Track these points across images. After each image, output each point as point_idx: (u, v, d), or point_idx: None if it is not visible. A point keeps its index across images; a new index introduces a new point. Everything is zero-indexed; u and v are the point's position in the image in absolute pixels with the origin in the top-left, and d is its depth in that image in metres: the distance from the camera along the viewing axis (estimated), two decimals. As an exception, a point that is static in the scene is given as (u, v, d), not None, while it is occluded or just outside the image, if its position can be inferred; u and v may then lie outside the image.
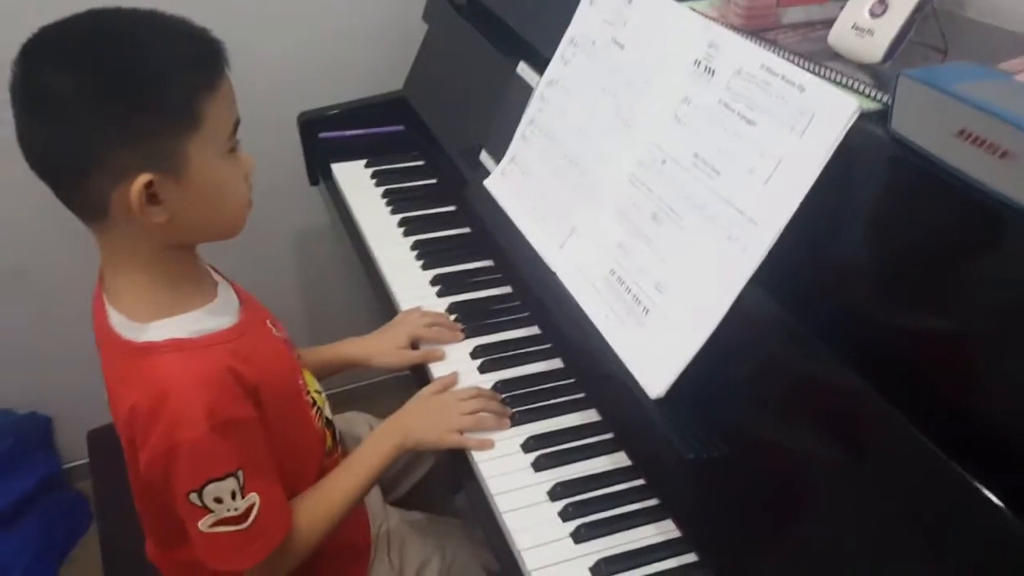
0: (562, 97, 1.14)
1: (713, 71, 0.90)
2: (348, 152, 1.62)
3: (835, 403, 0.78)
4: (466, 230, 1.40)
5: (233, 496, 0.83)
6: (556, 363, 1.12)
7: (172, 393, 0.80)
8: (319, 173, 1.63)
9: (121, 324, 0.83)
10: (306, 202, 1.75)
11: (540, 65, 1.21)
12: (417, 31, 1.64)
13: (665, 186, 0.93)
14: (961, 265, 0.70)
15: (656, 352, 0.88)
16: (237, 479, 0.83)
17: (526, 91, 1.22)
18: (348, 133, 1.64)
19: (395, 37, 1.71)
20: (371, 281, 1.36)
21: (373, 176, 1.55)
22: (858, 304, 0.79)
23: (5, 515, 1.75)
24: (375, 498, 1.15)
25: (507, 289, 1.26)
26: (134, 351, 0.82)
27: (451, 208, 1.45)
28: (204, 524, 0.83)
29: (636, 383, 0.89)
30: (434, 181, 1.54)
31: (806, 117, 0.79)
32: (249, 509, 0.84)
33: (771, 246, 0.79)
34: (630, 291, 0.94)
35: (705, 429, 0.86)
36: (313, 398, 1.00)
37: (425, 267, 1.31)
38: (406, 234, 1.39)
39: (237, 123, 0.83)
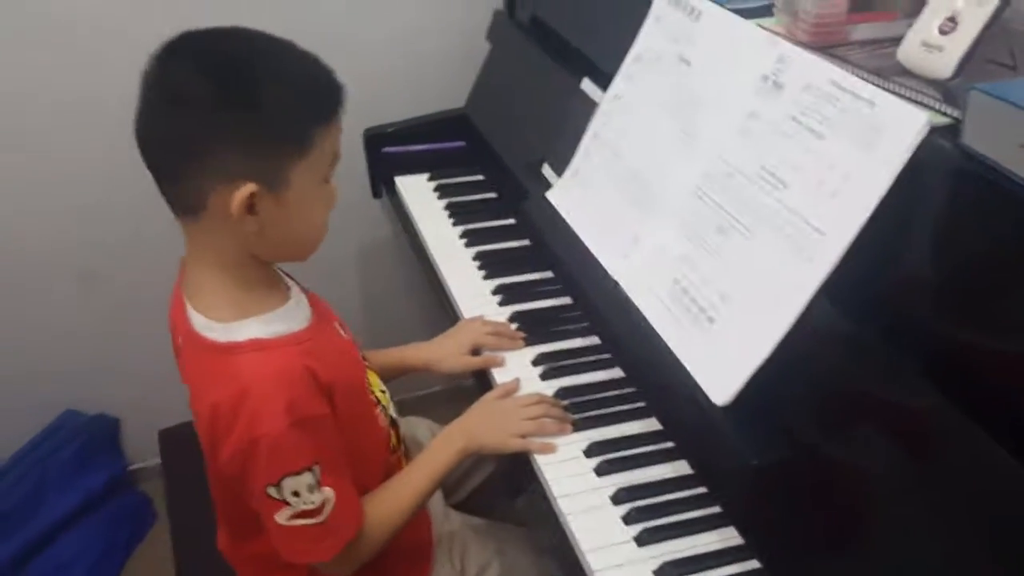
0: (627, 112, 1.17)
1: (781, 86, 0.92)
2: (411, 166, 1.66)
3: (901, 411, 0.78)
4: (526, 242, 1.43)
5: (310, 490, 0.86)
6: (616, 372, 1.14)
7: (253, 390, 0.83)
8: (382, 187, 1.67)
9: (202, 324, 0.88)
10: (368, 214, 1.80)
11: (603, 82, 1.24)
12: (478, 51, 1.69)
13: (731, 198, 0.95)
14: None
15: (721, 360, 0.90)
16: (313, 474, 0.86)
17: (589, 106, 1.25)
18: (411, 148, 1.69)
19: (457, 57, 1.75)
20: (433, 290, 1.40)
21: (436, 189, 1.59)
22: (927, 314, 0.80)
23: (71, 514, 1.81)
24: (437, 501, 1.17)
25: (567, 300, 1.29)
26: (216, 350, 0.86)
27: (511, 221, 1.48)
28: (282, 517, 0.87)
29: (700, 390, 0.90)
30: (495, 195, 1.57)
31: (876, 131, 0.80)
32: (324, 503, 0.88)
33: (840, 258, 0.81)
34: (695, 301, 0.96)
35: (767, 436, 0.87)
36: (378, 397, 1.03)
37: (487, 277, 1.34)
38: (468, 245, 1.42)
39: (337, 159, 0.88)
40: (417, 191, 1.60)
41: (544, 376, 1.14)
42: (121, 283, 1.79)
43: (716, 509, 0.94)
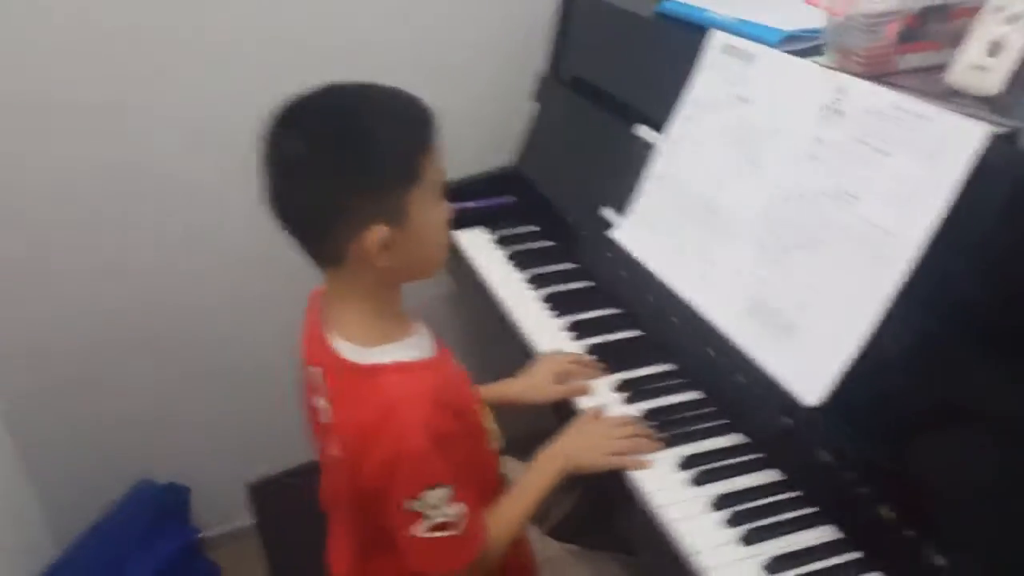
0: (687, 151, 1.26)
1: (842, 112, 1.01)
2: (466, 222, 1.75)
3: (985, 407, 0.85)
4: (591, 283, 1.50)
5: (448, 504, 0.92)
6: (696, 394, 1.20)
7: (399, 408, 0.91)
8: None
9: (348, 349, 0.95)
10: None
11: (656, 127, 1.34)
12: (511, 111, 1.79)
13: (802, 216, 1.03)
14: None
15: (808, 363, 0.97)
16: (451, 488, 0.92)
17: (645, 150, 1.35)
18: (466, 204, 1.77)
19: (495, 118, 1.85)
20: (504, 332, 1.47)
21: (495, 241, 1.68)
22: (1001, 308, 0.87)
23: (146, 581, 1.84)
24: (532, 528, 1.22)
25: (638, 332, 1.36)
26: (363, 372, 0.94)
27: (573, 265, 1.56)
28: (419, 530, 0.92)
29: (788, 395, 0.97)
30: (552, 243, 1.66)
31: (938, 144, 0.89)
32: (460, 517, 0.93)
33: (915, 259, 0.88)
34: (775, 313, 1.03)
35: (853, 437, 0.93)
36: (487, 428, 1.10)
37: (558, 315, 1.41)
38: (535, 288, 1.50)
39: (444, 177, 0.96)
40: (477, 244, 1.69)
41: (628, 400, 1.20)
42: (193, 353, 1.87)
43: (814, 508, 0.99)
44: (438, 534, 0.93)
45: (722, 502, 1.01)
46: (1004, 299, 0.86)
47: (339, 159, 0.89)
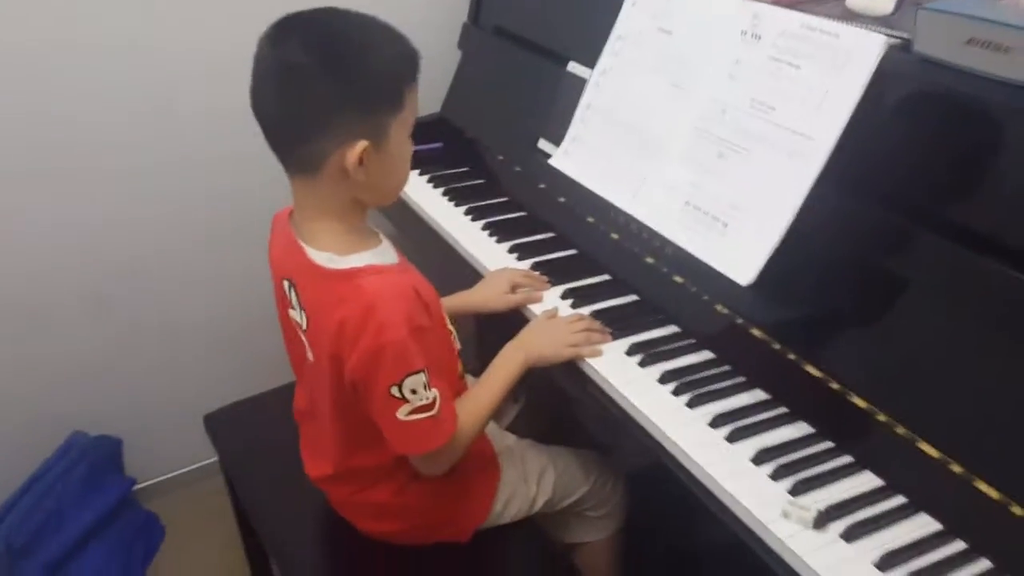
0: (617, 81, 1.40)
1: (759, 36, 1.16)
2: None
3: (891, 271, 1.03)
4: (524, 213, 1.63)
5: (425, 388, 1.02)
6: (635, 296, 1.35)
7: (379, 304, 0.99)
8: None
9: (325, 258, 1.03)
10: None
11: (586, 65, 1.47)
12: (435, 62, 1.88)
13: (727, 128, 1.19)
14: (980, 141, 0.96)
15: (740, 252, 1.13)
16: (425, 375, 1.02)
17: (578, 84, 1.48)
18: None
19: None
20: (447, 260, 1.57)
21: (429, 181, 1.78)
22: (906, 187, 1.05)
23: (88, 534, 1.85)
24: (492, 424, 1.34)
25: (573, 251, 1.49)
26: (340, 276, 1.02)
27: (506, 199, 1.68)
28: (402, 413, 1.02)
29: (721, 285, 1.13)
30: (483, 181, 1.77)
31: (843, 56, 1.05)
32: (435, 400, 1.04)
33: (829, 153, 1.05)
34: (708, 214, 1.18)
35: (779, 311, 1.10)
36: (451, 328, 1.20)
37: (499, 241, 1.53)
38: (474, 219, 1.61)
39: (416, 114, 1.04)
40: (412, 185, 1.78)
41: (574, 305, 1.33)
42: (124, 307, 1.88)
43: (742, 378, 1.15)
44: (417, 416, 1.03)
45: (666, 377, 1.15)
46: (905, 181, 1.04)
47: (341, 73, 0.95)
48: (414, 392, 1.01)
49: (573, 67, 1.53)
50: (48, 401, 1.87)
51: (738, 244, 1.14)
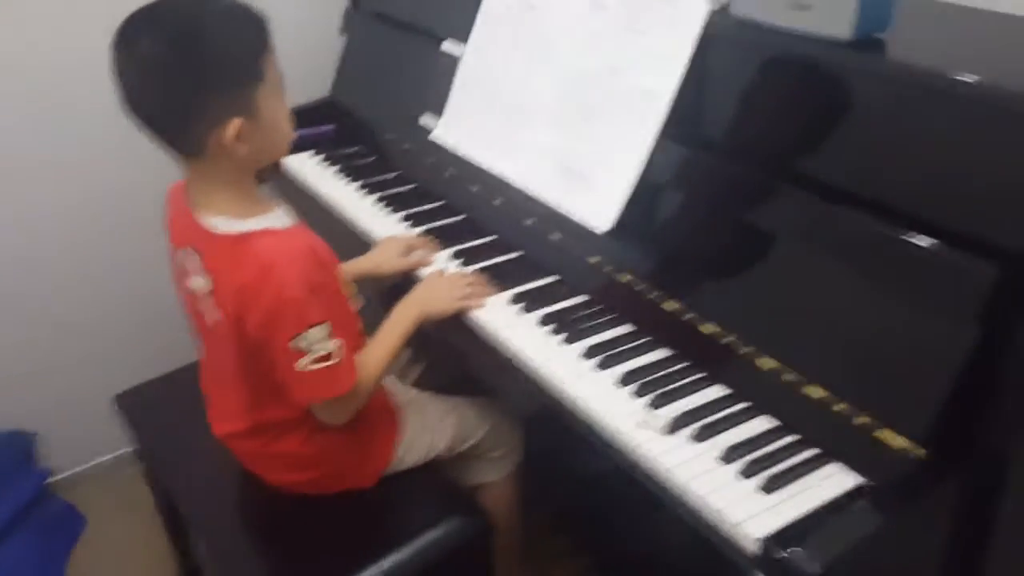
0: (486, 56, 1.51)
1: (606, 7, 1.29)
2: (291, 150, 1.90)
3: (729, 210, 1.17)
4: (415, 186, 1.72)
5: (326, 339, 1.10)
6: (518, 253, 1.46)
7: (276, 264, 1.07)
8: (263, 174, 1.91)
9: (222, 223, 1.11)
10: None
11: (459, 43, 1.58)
12: (321, 46, 1.97)
13: (586, 93, 1.31)
14: (789, 89, 1.11)
15: (600, 202, 1.26)
16: (328, 327, 1.11)
17: (452, 61, 1.58)
18: (290, 134, 1.93)
19: (307, 54, 2.01)
20: (345, 235, 1.65)
21: (323, 161, 1.85)
22: (738, 122, 1.19)
23: (2, 529, 1.87)
24: (391, 378, 1.44)
25: (463, 216, 1.59)
26: (237, 239, 1.10)
27: (397, 173, 1.77)
28: (302, 363, 1.10)
29: (591, 237, 1.25)
30: (374, 158, 1.85)
31: (675, 21, 1.19)
32: (336, 349, 1.13)
33: (668, 108, 1.18)
34: (573, 171, 1.31)
35: (639, 254, 1.23)
36: (349, 288, 1.29)
37: (394, 211, 1.62)
38: (368, 193, 1.70)
39: (282, 76, 1.12)
40: (306, 166, 1.86)
41: (463, 264, 1.44)
42: (21, 302, 1.91)
43: (613, 315, 1.28)
44: (319, 365, 1.11)
45: (545, 320, 1.27)
46: (738, 121, 1.18)
47: (192, 62, 1.02)
48: (317, 343, 1.10)
49: (447, 46, 1.63)
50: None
51: (597, 196, 1.26)
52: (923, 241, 0.94)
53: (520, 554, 1.58)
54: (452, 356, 1.43)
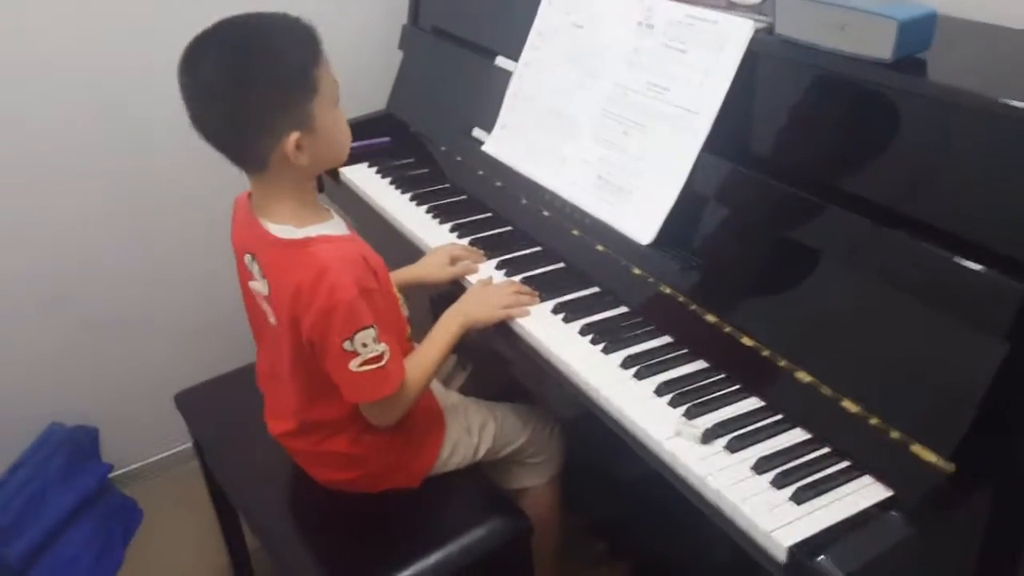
0: (537, 72, 1.55)
1: (653, 26, 1.33)
2: (348, 161, 1.97)
3: (772, 225, 1.19)
4: (464, 197, 1.77)
5: (374, 342, 1.16)
6: (561, 264, 1.50)
7: (330, 268, 1.13)
8: (322, 183, 1.99)
9: (283, 231, 1.17)
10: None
11: (512, 59, 1.63)
12: (380, 61, 2.04)
13: (630, 109, 1.35)
14: (830, 106, 1.13)
15: (642, 215, 1.29)
16: (375, 330, 1.16)
17: (505, 76, 1.63)
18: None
19: (367, 68, 2.09)
20: (396, 243, 1.71)
21: (377, 172, 1.92)
22: (779, 139, 1.21)
23: (69, 516, 1.97)
24: (436, 383, 1.49)
25: (509, 228, 1.64)
26: (295, 245, 1.16)
27: (447, 185, 1.82)
28: (354, 364, 1.16)
29: (635, 249, 1.29)
30: (427, 170, 1.91)
31: (721, 39, 1.22)
32: (384, 353, 1.18)
33: (711, 124, 1.21)
34: (615, 184, 1.34)
35: (682, 267, 1.26)
36: (398, 295, 1.35)
37: (442, 222, 1.68)
38: (418, 204, 1.76)
39: (337, 84, 1.18)
40: (362, 177, 1.92)
41: (508, 274, 1.48)
42: (87, 305, 2.01)
43: (652, 326, 1.31)
44: (368, 368, 1.17)
45: (585, 330, 1.30)
46: (780, 138, 1.21)
47: (248, 84, 1.08)
48: (364, 346, 1.16)
49: (500, 61, 1.69)
50: (23, 396, 1.99)
51: (639, 209, 1.30)
52: (958, 259, 0.95)
53: (559, 558, 1.61)
54: (496, 363, 1.48)
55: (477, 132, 1.71)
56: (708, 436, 1.07)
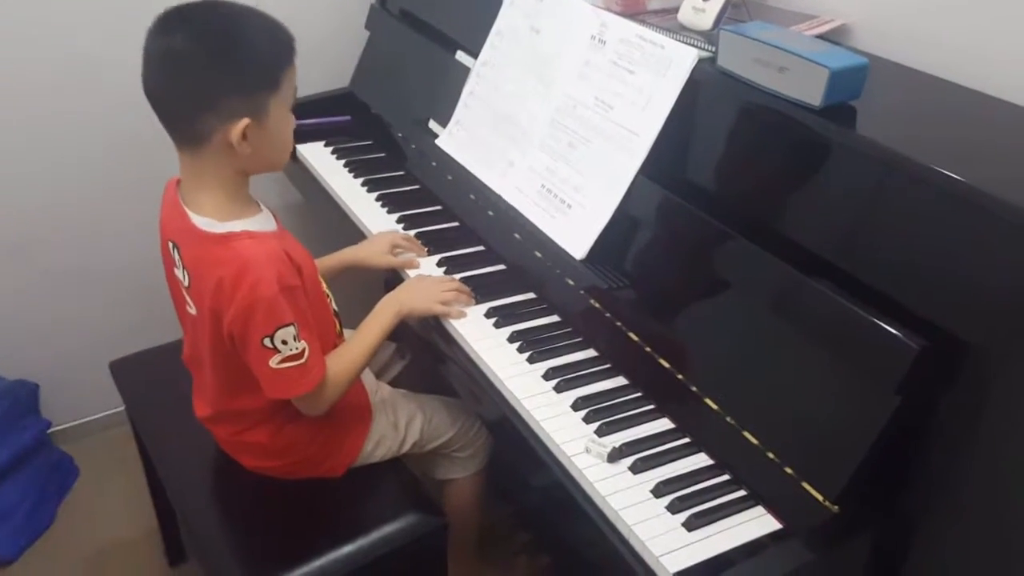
0: (494, 72, 1.56)
1: (605, 41, 1.33)
2: (306, 137, 1.97)
3: (699, 250, 1.21)
4: (416, 187, 1.78)
5: (294, 339, 1.17)
6: (501, 266, 1.52)
7: (252, 264, 1.14)
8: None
9: (205, 223, 1.17)
10: (273, 185, 2.10)
11: (472, 54, 1.63)
12: (346, 40, 2.02)
13: (577, 122, 1.36)
14: (763, 144, 1.15)
15: (578, 230, 1.31)
16: (295, 328, 1.17)
17: (464, 72, 1.64)
18: (306, 122, 1.99)
19: (332, 45, 2.07)
20: (343, 225, 1.72)
21: (333, 152, 1.92)
22: (708, 177, 1.23)
23: (2, 471, 1.97)
24: (369, 375, 1.51)
25: (456, 224, 1.65)
26: (218, 239, 1.16)
27: (401, 172, 1.83)
28: (274, 362, 1.17)
29: (568, 259, 1.31)
30: (383, 154, 1.92)
31: (665, 64, 1.23)
32: (304, 351, 1.19)
33: (649, 148, 1.23)
34: (557, 196, 1.36)
35: (608, 282, 1.28)
36: (327, 292, 1.36)
37: (390, 212, 1.69)
38: (369, 191, 1.76)
39: (295, 91, 1.19)
40: (316, 155, 1.92)
41: (448, 272, 1.50)
42: (39, 254, 1.99)
43: (579, 338, 1.34)
44: (287, 365, 1.18)
45: (514, 337, 1.33)
46: (712, 170, 1.23)
47: (224, 61, 1.09)
48: (284, 343, 1.17)
49: (461, 56, 1.69)
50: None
51: (576, 224, 1.31)
52: (862, 311, 0.98)
53: (475, 548, 1.65)
54: (429, 357, 1.50)
55: (433, 124, 1.72)
56: (614, 455, 1.11)
